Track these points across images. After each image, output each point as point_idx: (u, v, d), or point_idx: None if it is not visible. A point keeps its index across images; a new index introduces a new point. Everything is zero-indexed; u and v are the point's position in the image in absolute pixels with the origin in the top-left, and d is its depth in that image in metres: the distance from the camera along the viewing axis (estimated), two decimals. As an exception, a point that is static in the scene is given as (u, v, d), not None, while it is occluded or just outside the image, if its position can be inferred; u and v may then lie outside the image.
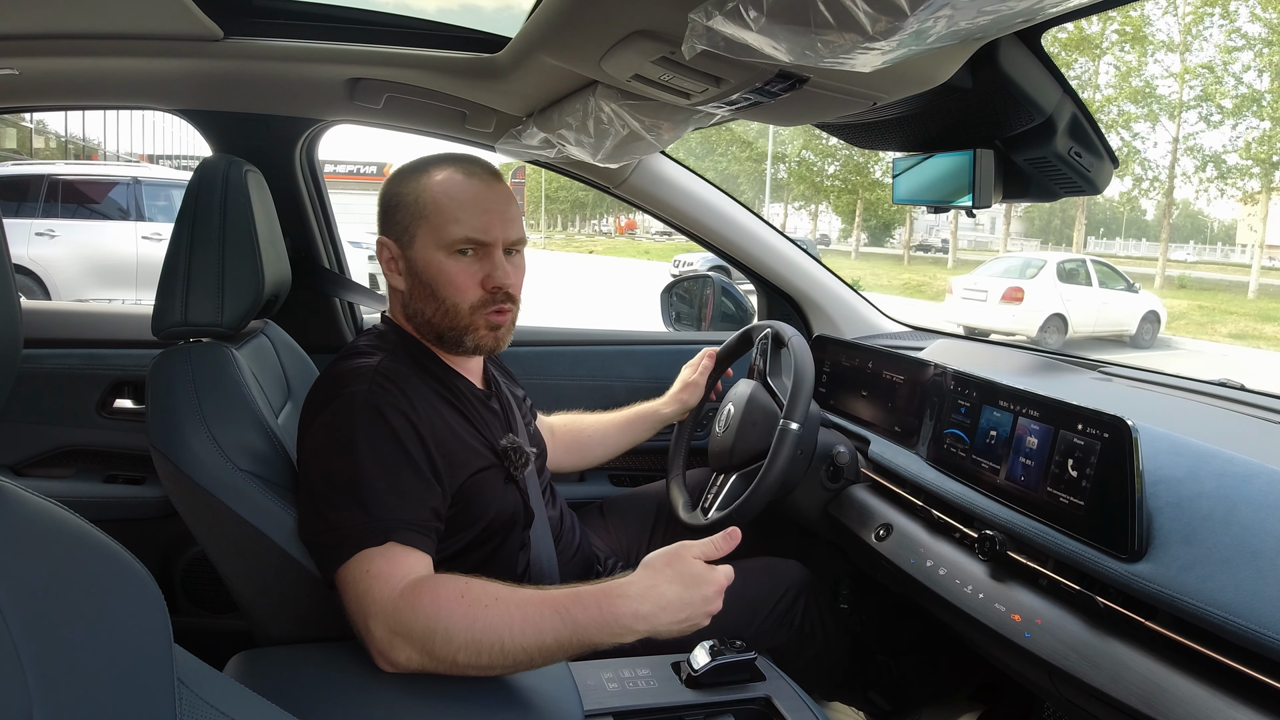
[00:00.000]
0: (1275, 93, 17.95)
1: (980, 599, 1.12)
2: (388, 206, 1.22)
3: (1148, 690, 0.86)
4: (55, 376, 1.81)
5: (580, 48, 1.03)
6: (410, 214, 1.18)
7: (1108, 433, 0.99)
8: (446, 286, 1.18)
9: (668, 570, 0.99)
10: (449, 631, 0.95)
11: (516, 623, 0.95)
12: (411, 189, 1.19)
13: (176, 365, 1.17)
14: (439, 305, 1.18)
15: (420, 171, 1.20)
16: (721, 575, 1.02)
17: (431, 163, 1.21)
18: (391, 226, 1.21)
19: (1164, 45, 19.47)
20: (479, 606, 0.96)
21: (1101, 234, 45.13)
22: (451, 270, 1.17)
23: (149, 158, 24.00)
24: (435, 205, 1.17)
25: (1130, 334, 13.10)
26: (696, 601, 0.99)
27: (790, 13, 0.67)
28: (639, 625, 0.97)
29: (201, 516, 1.15)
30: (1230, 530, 0.89)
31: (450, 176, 1.18)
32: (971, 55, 1.02)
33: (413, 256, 1.19)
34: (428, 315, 1.20)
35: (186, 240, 1.22)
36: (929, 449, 1.36)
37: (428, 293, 1.19)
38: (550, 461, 1.62)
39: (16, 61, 1.46)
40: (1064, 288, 12.37)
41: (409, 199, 1.19)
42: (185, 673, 0.58)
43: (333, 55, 1.49)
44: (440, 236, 1.16)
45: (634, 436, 1.71)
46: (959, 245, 28.82)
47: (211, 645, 0.98)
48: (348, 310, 2.02)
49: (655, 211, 2.02)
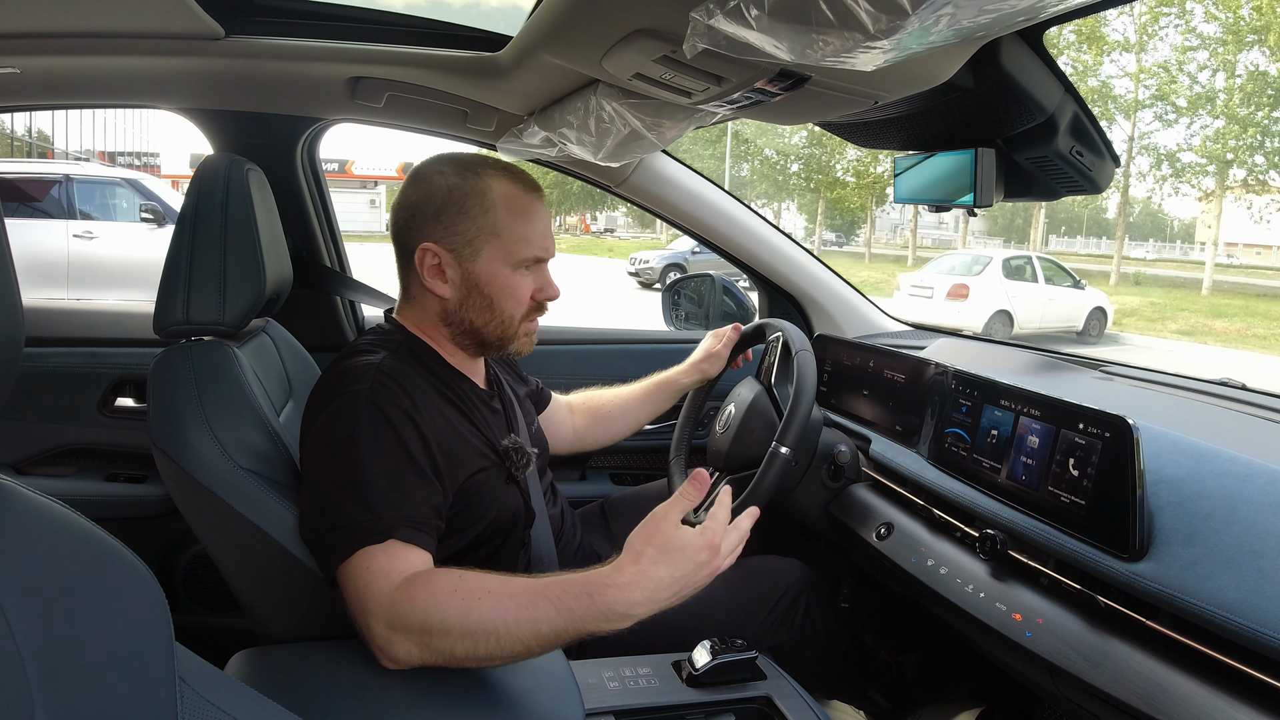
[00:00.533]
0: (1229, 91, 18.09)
1: (981, 598, 1.12)
2: (435, 212, 1.18)
3: (1149, 690, 0.86)
4: (57, 375, 1.81)
5: (581, 46, 1.03)
6: (477, 228, 1.18)
7: (1109, 432, 0.99)
8: (508, 299, 1.21)
9: (649, 549, 0.94)
10: (444, 624, 0.94)
11: (511, 613, 0.93)
12: (474, 202, 1.18)
13: (178, 364, 1.17)
14: (495, 316, 1.21)
15: (476, 179, 1.19)
16: (712, 534, 0.96)
17: (484, 171, 1.20)
18: (446, 234, 1.18)
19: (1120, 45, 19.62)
20: (473, 598, 0.95)
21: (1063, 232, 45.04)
22: (515, 285, 1.20)
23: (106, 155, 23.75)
24: (508, 224, 1.18)
25: (1077, 330, 13.20)
26: (690, 571, 0.94)
27: (792, 11, 0.67)
28: (637, 610, 0.93)
29: (203, 515, 1.15)
30: (1231, 530, 0.89)
31: (512, 192, 1.19)
32: (973, 54, 1.02)
33: (475, 270, 1.19)
34: (478, 324, 1.22)
35: (188, 239, 1.22)
36: (930, 448, 1.36)
37: (485, 304, 1.20)
38: (574, 438, 1.66)
39: (17, 60, 1.46)
40: (1009, 284, 12.46)
41: (473, 211, 1.17)
42: (186, 671, 0.58)
43: (334, 54, 1.49)
44: (512, 254, 1.19)
45: (655, 407, 1.70)
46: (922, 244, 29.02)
47: (213, 643, 0.98)
48: (349, 309, 2.02)
49: (657, 210, 2.02)
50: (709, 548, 0.95)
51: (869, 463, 1.53)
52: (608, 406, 1.70)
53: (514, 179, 1.21)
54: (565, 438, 1.66)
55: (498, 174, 1.20)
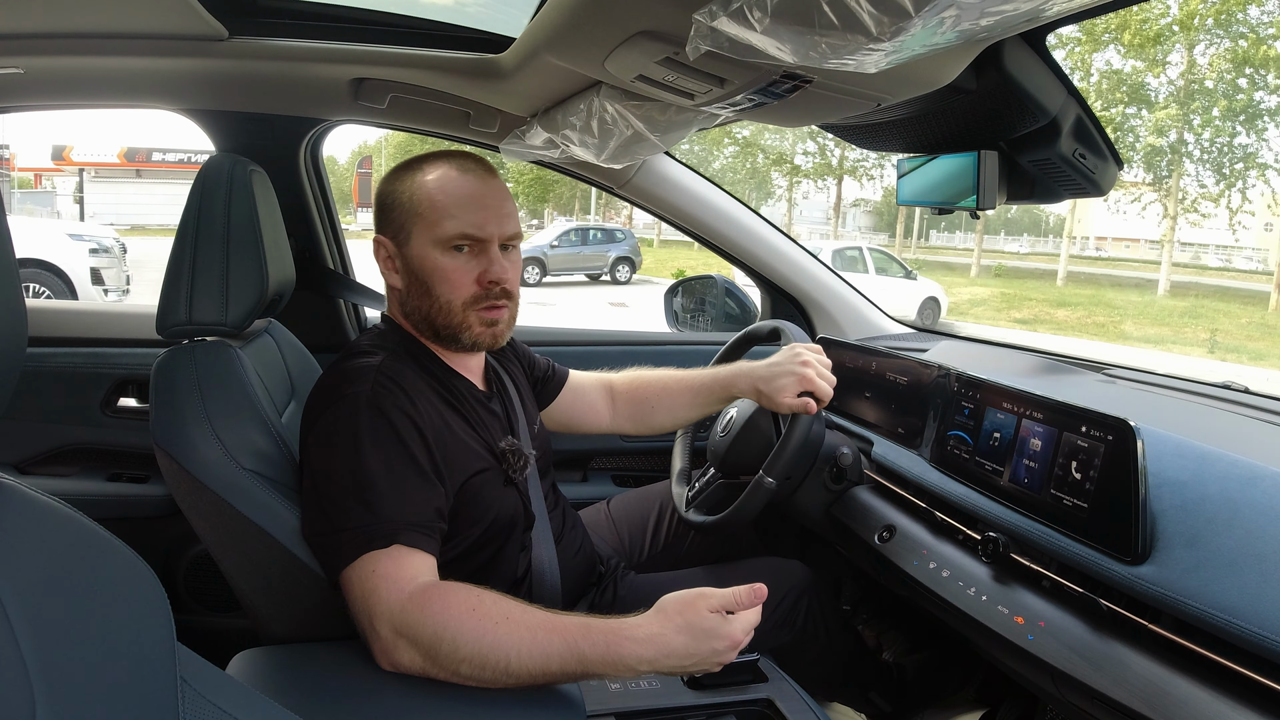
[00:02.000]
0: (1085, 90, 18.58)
1: (983, 601, 1.11)
2: (383, 205, 1.22)
3: (1151, 693, 0.86)
4: (59, 375, 1.81)
5: (584, 48, 1.03)
6: (405, 211, 1.18)
7: (1111, 435, 0.99)
8: (442, 283, 1.17)
9: (679, 619, 0.96)
10: (456, 642, 0.95)
11: (525, 645, 0.95)
12: (406, 187, 1.19)
13: (181, 364, 1.17)
14: (434, 302, 1.18)
15: (415, 169, 1.21)
16: (739, 629, 0.98)
17: (426, 160, 1.22)
18: (387, 224, 1.21)
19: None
20: (489, 623, 0.96)
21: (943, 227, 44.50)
22: (447, 267, 1.17)
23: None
24: (430, 202, 1.17)
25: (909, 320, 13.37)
26: (704, 653, 0.96)
27: (794, 14, 0.67)
28: (641, 667, 0.96)
29: (205, 515, 1.15)
30: (1234, 533, 0.88)
31: (445, 173, 1.18)
32: (976, 57, 1.02)
33: (409, 254, 1.19)
34: (424, 312, 1.20)
35: (191, 239, 1.22)
36: (932, 451, 1.36)
37: (423, 290, 1.19)
38: (612, 424, 1.60)
39: (21, 60, 1.47)
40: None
41: (404, 197, 1.19)
42: (188, 671, 0.58)
43: (337, 55, 1.49)
44: (435, 233, 1.16)
45: (702, 408, 1.55)
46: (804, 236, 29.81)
47: (214, 644, 0.99)
48: (351, 310, 2.02)
49: (659, 212, 2.02)
50: (729, 640, 0.97)
51: (871, 465, 1.53)
52: (651, 399, 1.58)
53: (452, 162, 1.20)
54: (600, 422, 1.60)
55: (439, 161, 1.21)
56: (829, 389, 1.39)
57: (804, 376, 1.38)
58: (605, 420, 1.60)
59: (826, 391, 1.38)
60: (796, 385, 1.37)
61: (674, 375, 1.57)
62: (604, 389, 1.61)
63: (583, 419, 1.59)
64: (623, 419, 1.60)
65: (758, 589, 0.99)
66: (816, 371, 1.38)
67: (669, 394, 1.56)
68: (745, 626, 0.99)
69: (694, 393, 1.54)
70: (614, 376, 1.62)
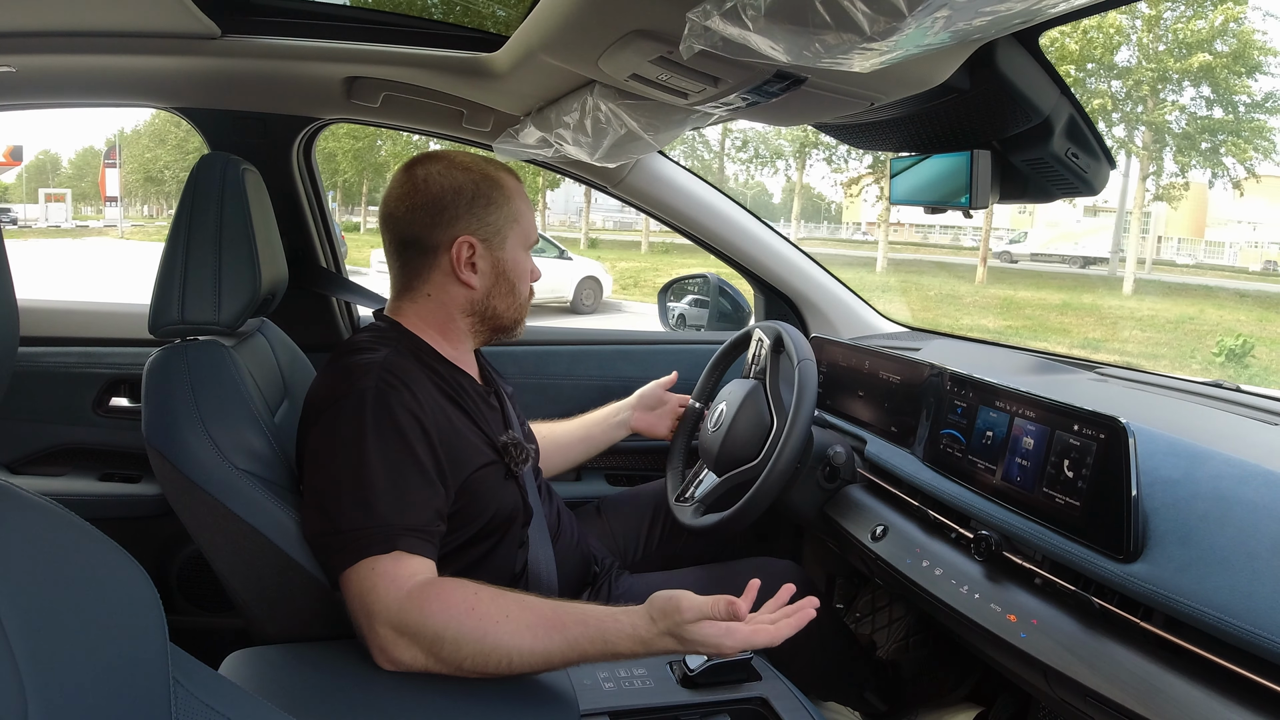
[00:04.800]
0: None
1: (976, 599, 1.12)
2: (467, 205, 1.23)
3: (1143, 691, 0.86)
4: (51, 374, 1.80)
5: (578, 47, 1.03)
6: (504, 217, 1.25)
7: (1103, 433, 1.00)
8: (524, 282, 1.31)
9: (664, 622, 0.99)
10: (458, 641, 0.97)
11: (526, 641, 0.98)
12: (498, 193, 1.25)
13: (173, 363, 1.17)
14: (515, 299, 1.30)
15: (493, 173, 1.26)
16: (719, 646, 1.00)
17: (489, 165, 1.28)
18: (481, 226, 1.24)
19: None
20: (489, 621, 0.98)
21: None
22: (528, 267, 1.31)
23: None
24: (521, 210, 1.28)
25: (567, 300, 13.77)
26: (693, 650, 1.02)
27: (788, 13, 0.67)
28: (638, 654, 1.01)
29: (198, 515, 1.15)
30: (1226, 531, 0.89)
31: (515, 183, 1.29)
32: (969, 56, 1.03)
33: (504, 256, 1.26)
34: (500, 309, 1.28)
35: (183, 238, 1.21)
36: (925, 449, 1.36)
37: (509, 289, 1.28)
38: None
39: (13, 59, 1.46)
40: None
41: (498, 200, 1.25)
42: (181, 671, 0.58)
43: (330, 54, 1.48)
44: (527, 238, 1.30)
45: (587, 450, 1.70)
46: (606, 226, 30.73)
47: (207, 644, 0.98)
48: (345, 310, 2.02)
49: (653, 211, 2.02)
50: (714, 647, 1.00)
51: (864, 464, 1.53)
52: (550, 443, 1.66)
53: (510, 171, 1.30)
54: None
55: (498, 167, 1.29)
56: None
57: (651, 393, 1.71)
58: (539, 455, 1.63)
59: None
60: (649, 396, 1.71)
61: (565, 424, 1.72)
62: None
63: None
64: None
65: (735, 605, 0.99)
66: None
67: (559, 442, 1.68)
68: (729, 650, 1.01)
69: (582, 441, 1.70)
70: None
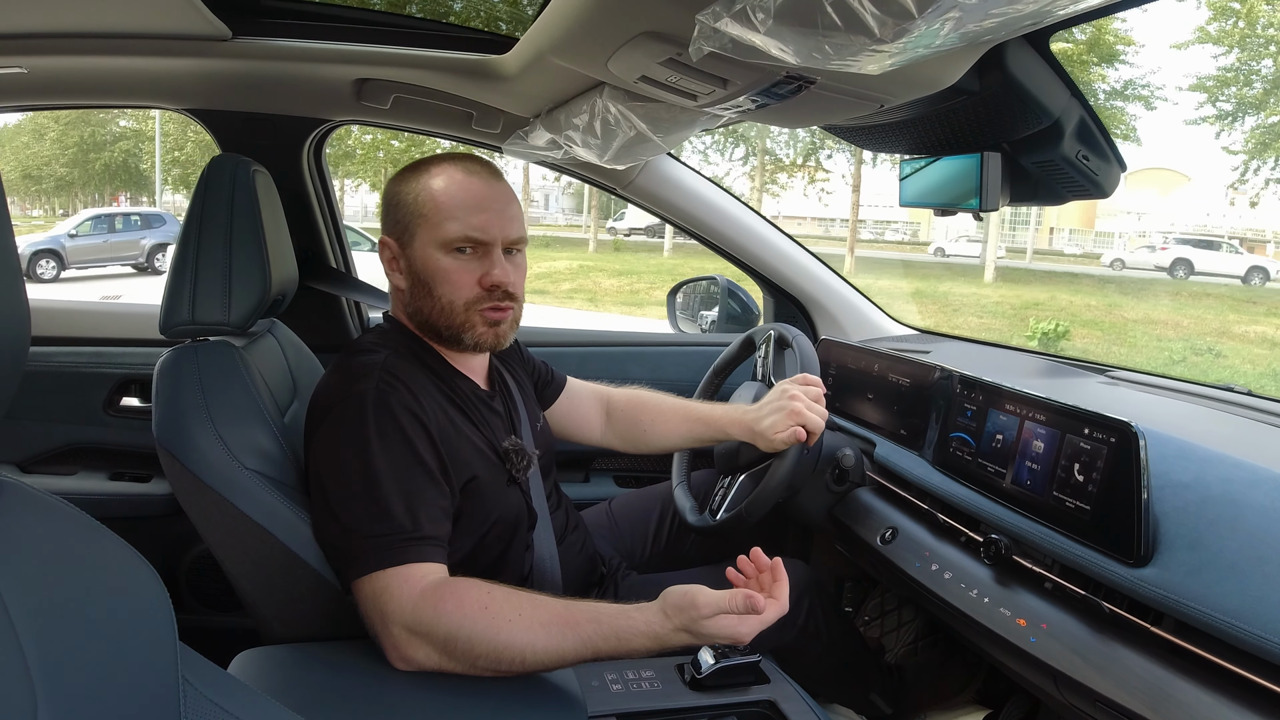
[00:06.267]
0: None
1: (985, 603, 1.11)
2: (389, 205, 1.23)
3: (1153, 695, 0.86)
4: (62, 374, 1.81)
5: (587, 49, 1.03)
6: (410, 213, 1.19)
7: (1114, 437, 0.99)
8: (443, 284, 1.18)
9: (679, 618, 0.99)
10: (471, 640, 0.98)
11: (540, 640, 0.99)
12: (411, 188, 1.20)
13: (183, 364, 1.17)
14: (435, 303, 1.19)
15: (421, 171, 1.21)
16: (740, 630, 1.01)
17: (433, 162, 1.22)
18: (392, 225, 1.22)
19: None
20: (503, 621, 0.98)
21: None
22: (449, 268, 1.17)
23: None
24: (434, 204, 1.17)
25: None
26: (709, 642, 1.04)
27: (798, 15, 0.67)
28: (652, 648, 1.01)
29: (207, 515, 1.15)
30: (1237, 536, 0.88)
31: (450, 175, 1.19)
32: (979, 58, 1.02)
33: (412, 255, 1.19)
34: (426, 313, 1.20)
35: (194, 239, 1.22)
36: (935, 452, 1.36)
37: (426, 290, 1.19)
38: (602, 438, 1.60)
39: (25, 60, 1.47)
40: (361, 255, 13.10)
41: (409, 198, 1.19)
42: (190, 671, 0.58)
43: (340, 56, 1.49)
44: (438, 235, 1.17)
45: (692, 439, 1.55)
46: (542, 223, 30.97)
47: (216, 643, 0.99)
48: (354, 310, 2.02)
49: (662, 212, 2.02)
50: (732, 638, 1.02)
51: (873, 466, 1.53)
52: (647, 416, 1.57)
53: (457, 164, 1.21)
54: (591, 434, 1.60)
55: (444, 163, 1.21)
56: (820, 422, 1.37)
57: (793, 410, 1.36)
58: (596, 433, 1.60)
59: (817, 424, 1.37)
60: (786, 420, 1.36)
61: (671, 402, 1.57)
62: (600, 402, 1.61)
63: (575, 428, 1.59)
64: (614, 435, 1.59)
65: (754, 598, 1.00)
66: (806, 405, 1.37)
67: (664, 419, 1.56)
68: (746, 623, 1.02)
69: (690, 423, 1.53)
70: (613, 391, 1.62)
